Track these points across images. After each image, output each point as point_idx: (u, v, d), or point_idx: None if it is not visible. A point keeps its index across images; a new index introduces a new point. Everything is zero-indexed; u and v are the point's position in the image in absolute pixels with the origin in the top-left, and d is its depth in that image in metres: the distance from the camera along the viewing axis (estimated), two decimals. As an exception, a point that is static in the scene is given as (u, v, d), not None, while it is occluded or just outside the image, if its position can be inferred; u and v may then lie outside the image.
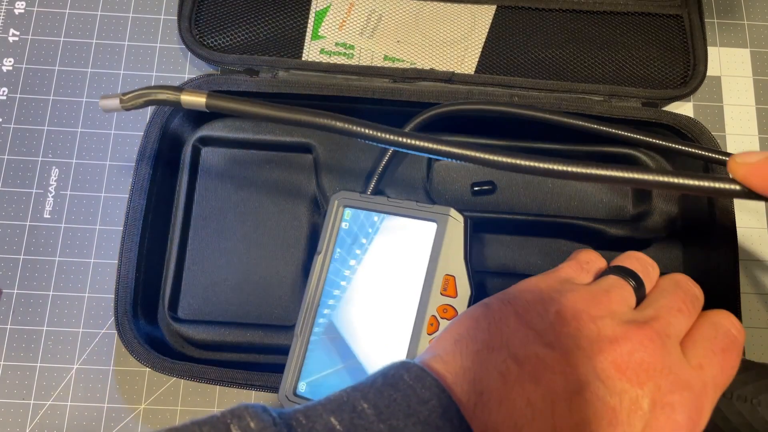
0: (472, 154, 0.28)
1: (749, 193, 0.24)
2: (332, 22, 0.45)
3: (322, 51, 0.44)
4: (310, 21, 0.45)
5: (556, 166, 0.26)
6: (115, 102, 0.34)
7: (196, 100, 0.33)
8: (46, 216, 0.44)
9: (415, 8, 0.45)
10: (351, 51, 0.44)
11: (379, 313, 0.32)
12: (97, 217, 0.44)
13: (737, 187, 0.24)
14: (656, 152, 0.42)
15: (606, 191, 0.43)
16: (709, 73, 0.43)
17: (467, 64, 0.44)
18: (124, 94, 0.34)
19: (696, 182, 0.25)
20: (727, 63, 0.48)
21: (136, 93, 0.33)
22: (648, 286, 0.27)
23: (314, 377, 0.32)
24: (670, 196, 0.41)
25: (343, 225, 0.34)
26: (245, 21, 0.44)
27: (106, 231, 0.44)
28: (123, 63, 0.47)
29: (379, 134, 0.29)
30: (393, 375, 0.21)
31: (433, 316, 0.31)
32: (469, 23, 0.45)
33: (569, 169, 0.26)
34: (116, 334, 0.39)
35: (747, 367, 0.25)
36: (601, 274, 0.27)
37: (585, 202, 0.43)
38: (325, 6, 0.45)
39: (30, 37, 0.47)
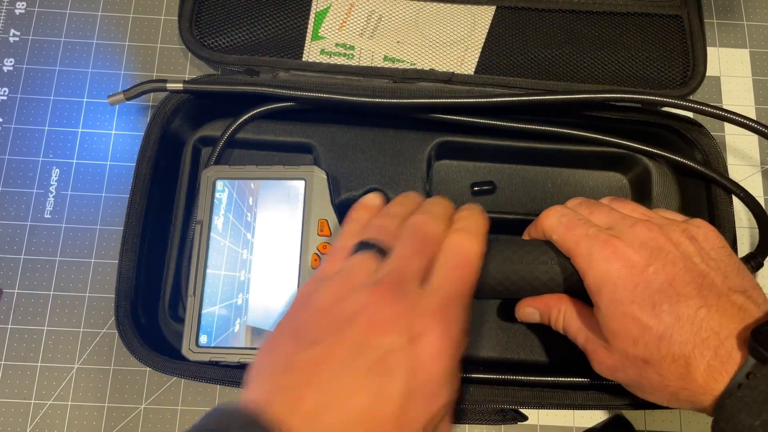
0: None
1: None
2: (332, 23, 0.45)
3: (322, 51, 0.44)
4: (310, 22, 0.45)
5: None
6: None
7: None
8: (47, 216, 0.44)
9: (415, 9, 0.45)
10: (351, 51, 0.44)
11: (266, 261, 0.38)
12: (97, 217, 0.44)
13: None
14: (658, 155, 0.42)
15: (606, 191, 0.43)
16: (708, 73, 0.43)
17: (467, 65, 0.44)
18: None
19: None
20: (726, 63, 0.48)
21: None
22: (391, 242, 0.30)
23: (212, 328, 0.37)
24: (670, 196, 0.41)
25: (217, 195, 0.39)
26: (246, 22, 0.44)
27: (106, 231, 0.44)
28: (123, 63, 0.47)
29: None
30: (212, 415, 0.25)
31: (315, 253, 0.37)
32: (469, 24, 0.45)
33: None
34: (116, 334, 0.39)
35: (518, 242, 0.34)
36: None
37: (585, 202, 0.43)
38: (325, 7, 0.45)
39: (30, 37, 0.47)
